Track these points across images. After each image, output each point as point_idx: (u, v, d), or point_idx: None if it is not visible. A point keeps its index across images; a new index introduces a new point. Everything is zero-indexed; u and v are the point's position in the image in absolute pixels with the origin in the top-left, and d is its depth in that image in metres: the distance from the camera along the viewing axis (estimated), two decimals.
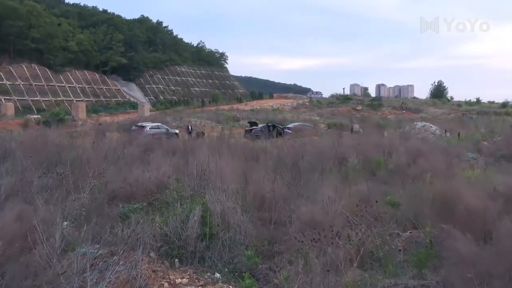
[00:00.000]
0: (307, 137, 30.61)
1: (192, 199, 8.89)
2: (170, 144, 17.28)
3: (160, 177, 10.28)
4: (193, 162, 12.04)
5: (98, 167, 11.38)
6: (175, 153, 15.67)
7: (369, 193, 10.01)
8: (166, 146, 16.71)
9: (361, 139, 17.75)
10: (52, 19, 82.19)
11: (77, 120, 46.84)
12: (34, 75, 76.51)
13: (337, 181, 10.29)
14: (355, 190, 10.44)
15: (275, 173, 11.40)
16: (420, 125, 25.28)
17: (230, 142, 18.24)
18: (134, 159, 13.60)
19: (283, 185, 9.76)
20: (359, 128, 32.45)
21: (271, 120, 50.57)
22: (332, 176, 11.95)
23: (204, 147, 16.10)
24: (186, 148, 16.00)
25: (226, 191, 8.61)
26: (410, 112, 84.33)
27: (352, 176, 13.18)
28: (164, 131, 36.31)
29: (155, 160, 12.64)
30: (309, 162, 14.33)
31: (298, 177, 10.43)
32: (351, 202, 8.83)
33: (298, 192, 9.31)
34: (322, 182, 10.15)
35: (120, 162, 12.43)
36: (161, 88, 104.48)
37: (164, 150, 15.68)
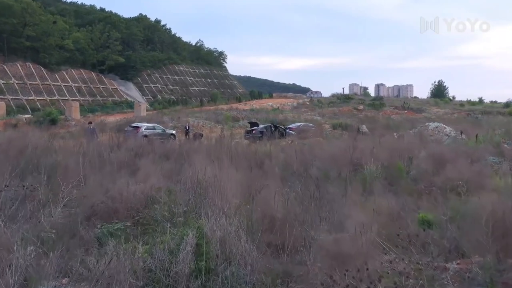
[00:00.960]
0: (311, 138, 29.02)
1: (185, 218, 7.27)
2: (164, 148, 15.62)
3: (148, 190, 8.61)
4: (188, 170, 10.42)
5: (78, 175, 9.76)
6: (169, 158, 14.02)
7: (399, 209, 8.40)
8: (160, 150, 15.05)
9: (375, 142, 16.10)
10: (47, 17, 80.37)
11: (71, 120, 45.13)
12: (29, 74, 74.74)
13: (358, 193, 8.63)
14: (380, 204, 8.81)
15: (285, 184, 9.77)
16: (433, 126, 23.66)
17: (230, 145, 16.60)
18: (121, 166, 11.95)
19: (297, 201, 8.10)
20: (366, 129, 30.83)
21: (272, 121, 48.99)
22: (351, 187, 10.33)
23: (202, 151, 14.46)
24: (182, 152, 14.34)
25: (226, 210, 6.98)
26: (412, 112, 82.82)
27: (372, 186, 11.59)
28: (160, 132, 34.66)
29: (145, 168, 10.97)
30: (320, 168, 12.71)
31: (314, 191, 8.74)
32: (380, 222, 7.21)
33: (316, 211, 7.64)
34: (344, 198, 8.48)
35: (105, 170, 10.78)
36: (159, 87, 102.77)
37: (156, 155, 14.03)
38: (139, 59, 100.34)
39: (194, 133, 31.52)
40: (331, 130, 33.54)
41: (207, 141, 21.86)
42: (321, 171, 12.76)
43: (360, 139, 23.27)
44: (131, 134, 32.98)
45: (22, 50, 75.78)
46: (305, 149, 16.00)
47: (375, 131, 28.40)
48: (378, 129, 30.12)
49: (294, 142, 25.67)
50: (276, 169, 12.64)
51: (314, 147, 16.53)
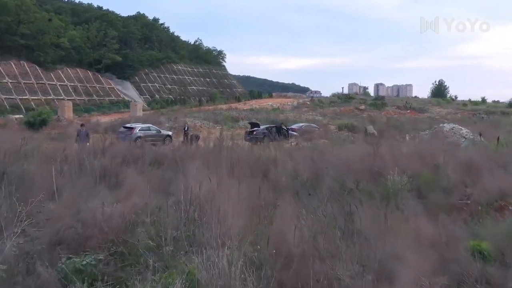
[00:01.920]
0: (315, 139, 27.35)
1: (173, 254, 5.58)
2: (155, 153, 13.87)
3: (129, 212, 6.90)
4: (181, 183, 8.75)
5: (48, 189, 8.09)
6: (161, 165, 12.33)
7: (443, 234, 6.73)
8: (151, 155, 13.32)
9: (392, 146, 14.38)
10: (42, 15, 78.46)
11: (63, 120, 43.29)
12: (23, 72, 72.82)
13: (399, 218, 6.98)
14: (418, 227, 7.16)
15: (297, 200, 8.10)
16: (448, 127, 21.97)
17: (230, 149, 14.88)
18: (104, 176, 10.25)
19: (318, 226, 6.37)
20: (373, 130, 29.11)
21: (272, 121, 47.30)
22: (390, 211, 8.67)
23: (199, 157, 12.76)
24: (176, 158, 12.61)
25: (228, 243, 5.29)
26: (415, 112, 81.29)
27: (396, 199, 9.94)
28: (155, 133, 32.88)
29: (130, 179, 9.28)
30: (335, 178, 11.03)
31: (342, 214, 7.05)
32: (428, 256, 5.53)
33: (345, 245, 5.91)
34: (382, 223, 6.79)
35: (83, 181, 9.08)
36: (156, 86, 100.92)
37: (146, 162, 12.32)
38: (137, 58, 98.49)
39: (190, 135, 29.77)
40: (337, 131, 31.81)
41: (205, 143, 20.10)
42: (336, 180, 11.08)
43: (373, 142, 21.61)
44: (124, 135, 31.27)
45: (16, 48, 73.82)
46: (314, 153, 14.28)
47: (384, 133, 26.70)
48: (386, 130, 28.43)
49: (298, 144, 23.98)
50: (283, 178, 10.96)
51: (325, 151, 14.81)
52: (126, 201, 7.31)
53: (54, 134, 33.69)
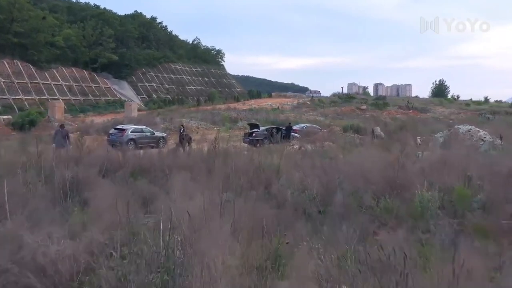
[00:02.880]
0: (319, 142, 25.60)
1: None
2: (140, 160, 12.08)
3: (84, 251, 5.17)
4: (165, 202, 7.06)
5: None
6: (144, 175, 10.60)
7: None
8: (133, 163, 11.56)
9: (410, 152, 12.62)
10: (36, 13, 76.56)
11: (53, 121, 41.42)
12: (17, 72, 71.01)
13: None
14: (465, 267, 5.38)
15: (308, 225, 6.41)
16: (464, 129, 20.18)
17: (226, 155, 13.15)
18: (73, 190, 8.52)
19: None
20: (380, 131, 27.33)
21: (272, 121, 45.60)
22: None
23: (189, 165, 11.04)
24: (163, 167, 10.85)
25: None
26: (417, 112, 79.61)
27: (427, 220, 8.24)
28: (148, 135, 31.02)
29: (101, 197, 7.55)
30: (350, 191, 9.33)
31: None
32: None
33: None
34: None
35: (35, 201, 7.33)
36: (154, 86, 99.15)
37: (127, 172, 10.59)
38: (134, 57, 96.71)
39: (182, 135, 27.91)
40: (342, 132, 30.05)
41: (199, 147, 18.30)
42: (351, 195, 9.36)
43: (385, 145, 19.86)
44: (115, 137, 29.49)
45: (9, 47, 71.96)
46: (322, 160, 12.51)
47: (392, 135, 24.95)
48: (393, 131, 26.67)
49: (302, 148, 22.21)
50: (289, 192, 9.24)
51: (335, 158, 13.00)
52: (90, 227, 5.57)
53: (42, 136, 31.87)
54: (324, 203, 9.11)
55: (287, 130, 31.99)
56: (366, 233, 8.04)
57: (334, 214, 8.82)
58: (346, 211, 8.78)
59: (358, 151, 14.03)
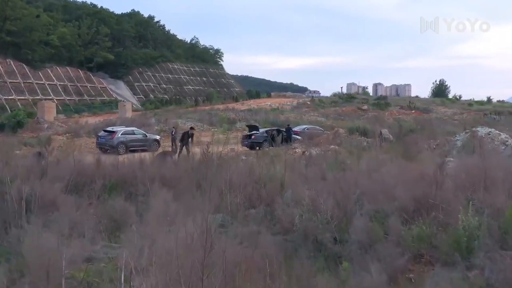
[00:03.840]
0: (323, 145, 23.86)
1: None
2: (118, 170, 10.24)
3: None
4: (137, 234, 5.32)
5: None
6: (121, 190, 8.83)
7: None
8: (111, 174, 9.77)
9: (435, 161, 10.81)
10: (30, 11, 74.68)
11: (43, 122, 39.49)
12: (9, 71, 69.21)
13: None
14: None
15: None
16: (483, 132, 18.42)
17: (221, 163, 11.39)
18: (29, 210, 6.79)
19: None
20: (388, 134, 25.50)
21: (272, 122, 43.85)
22: None
23: (176, 177, 9.30)
24: (145, 179, 9.05)
25: None
26: (419, 112, 77.87)
27: (475, 253, 6.53)
28: (140, 137, 29.13)
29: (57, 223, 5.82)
30: (373, 214, 7.58)
31: None
32: None
33: None
34: None
35: None
36: (151, 86, 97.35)
37: (101, 185, 8.80)
38: (131, 56, 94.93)
39: (173, 137, 26.05)
40: (347, 135, 28.20)
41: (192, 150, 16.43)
42: (374, 219, 7.61)
43: (391, 149, 18.16)
44: (104, 140, 27.71)
45: (2, 46, 70.10)
46: (332, 169, 10.70)
47: (402, 138, 23.16)
48: (402, 134, 24.88)
49: (306, 153, 20.43)
50: (297, 216, 7.49)
51: (347, 166, 11.15)
52: None
53: (29, 139, 30.14)
54: (340, 228, 7.36)
55: (287, 132, 30.26)
56: (396, 270, 6.31)
57: (353, 244, 7.06)
58: (369, 239, 7.01)
59: (374, 158, 12.22)
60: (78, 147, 29.73)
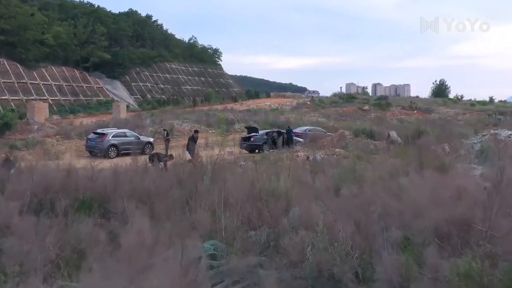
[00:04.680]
0: (327, 148, 22.35)
1: None
2: (92, 184, 8.65)
3: None
4: None
5: None
6: (91, 210, 7.34)
7: None
8: (83, 188, 8.23)
9: None
10: (24, 9, 73.03)
11: (33, 124, 37.82)
12: (3, 71, 67.65)
13: None
14: None
15: None
16: (504, 134, 16.97)
17: (215, 175, 9.91)
18: None
19: None
20: (396, 136, 23.94)
21: (272, 123, 42.39)
22: None
23: (160, 192, 7.81)
24: (122, 196, 7.51)
25: None
26: (421, 112, 76.50)
27: None
28: (132, 140, 27.54)
29: None
30: (403, 242, 6.07)
31: None
32: None
33: None
34: None
35: None
36: (148, 86, 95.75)
37: (69, 204, 7.28)
38: (128, 56, 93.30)
39: (166, 140, 24.45)
40: (352, 137, 26.59)
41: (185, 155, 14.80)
42: (403, 245, 6.12)
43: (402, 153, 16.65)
44: (94, 143, 26.18)
45: None
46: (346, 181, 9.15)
47: (411, 140, 21.62)
48: (411, 136, 23.34)
49: (309, 158, 18.89)
50: (308, 248, 5.99)
51: (363, 177, 9.57)
52: None
53: (15, 142, 28.60)
54: (363, 261, 5.86)
55: (288, 134, 28.78)
56: None
57: (381, 283, 5.56)
58: (400, 276, 5.51)
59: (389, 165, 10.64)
60: (68, 150, 28.30)
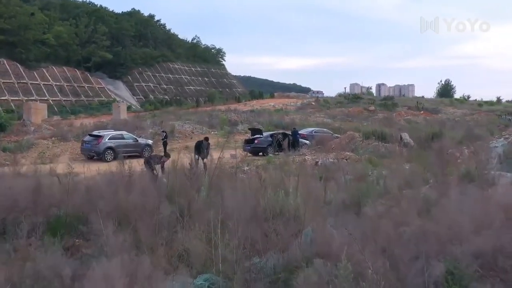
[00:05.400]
0: (336, 152, 21.02)
1: None
2: (65, 198, 7.32)
3: None
4: None
5: None
6: (62, 231, 6.08)
7: None
8: (64, 202, 6.96)
9: None
10: (25, 8, 71.95)
11: (29, 125, 36.54)
12: (3, 71, 66.61)
13: None
14: None
15: None
16: None
17: (212, 184, 8.67)
18: None
19: None
20: (409, 138, 22.56)
21: (276, 124, 41.07)
22: None
23: (148, 210, 6.56)
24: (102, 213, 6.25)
25: None
26: (428, 113, 74.94)
27: None
28: (131, 142, 26.27)
29: None
30: (448, 285, 4.76)
31: None
32: None
33: None
34: None
35: None
36: (151, 86, 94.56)
37: (35, 226, 6.03)
38: (130, 56, 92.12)
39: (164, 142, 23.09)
40: (362, 139, 25.13)
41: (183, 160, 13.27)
42: (447, 285, 4.82)
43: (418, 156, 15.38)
44: (90, 146, 24.94)
45: None
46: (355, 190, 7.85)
47: (425, 143, 20.31)
48: (424, 138, 22.01)
49: (318, 162, 17.61)
50: None
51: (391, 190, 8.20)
52: None
53: (7, 144, 27.38)
54: None
55: (294, 136, 27.49)
56: None
57: None
58: None
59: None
60: (64, 153, 27.08)
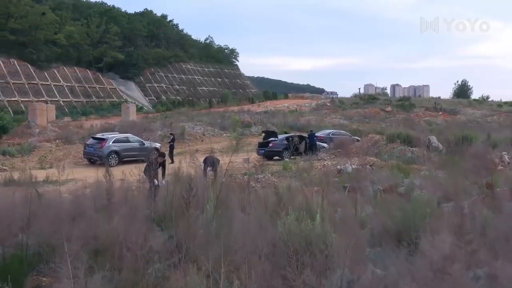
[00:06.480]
0: (357, 156, 19.28)
1: None
2: (35, 226, 5.78)
3: None
4: None
5: None
6: None
7: None
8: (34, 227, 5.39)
9: None
10: (36, 8, 71.03)
11: (34, 127, 35.11)
12: (13, 71, 65.67)
13: None
14: None
15: None
16: None
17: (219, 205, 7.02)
18: None
19: None
20: (437, 141, 20.68)
21: (291, 126, 39.41)
22: None
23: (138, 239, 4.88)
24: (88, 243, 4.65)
25: None
26: (447, 114, 72.70)
27: None
28: (136, 146, 24.65)
29: None
30: None
31: None
32: None
33: None
34: None
35: None
36: (163, 87, 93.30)
37: None
38: (142, 56, 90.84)
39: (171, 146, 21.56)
40: (386, 143, 23.26)
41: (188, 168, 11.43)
42: None
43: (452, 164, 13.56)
44: (93, 149, 23.45)
45: (5, 44, 66.54)
46: None
47: (454, 147, 18.53)
48: (453, 142, 20.21)
49: (341, 170, 15.91)
50: None
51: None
52: None
53: (7, 147, 26.02)
54: None
55: (311, 139, 25.77)
56: None
57: None
58: None
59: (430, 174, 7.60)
60: (66, 156, 25.69)
